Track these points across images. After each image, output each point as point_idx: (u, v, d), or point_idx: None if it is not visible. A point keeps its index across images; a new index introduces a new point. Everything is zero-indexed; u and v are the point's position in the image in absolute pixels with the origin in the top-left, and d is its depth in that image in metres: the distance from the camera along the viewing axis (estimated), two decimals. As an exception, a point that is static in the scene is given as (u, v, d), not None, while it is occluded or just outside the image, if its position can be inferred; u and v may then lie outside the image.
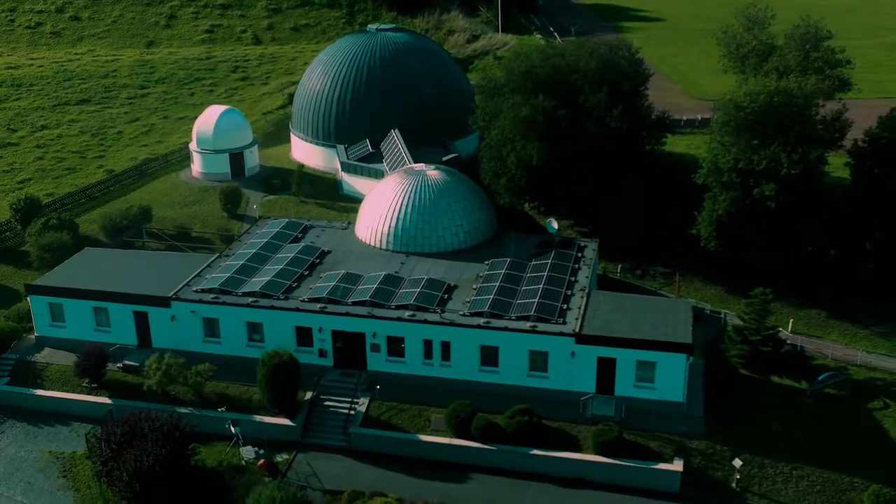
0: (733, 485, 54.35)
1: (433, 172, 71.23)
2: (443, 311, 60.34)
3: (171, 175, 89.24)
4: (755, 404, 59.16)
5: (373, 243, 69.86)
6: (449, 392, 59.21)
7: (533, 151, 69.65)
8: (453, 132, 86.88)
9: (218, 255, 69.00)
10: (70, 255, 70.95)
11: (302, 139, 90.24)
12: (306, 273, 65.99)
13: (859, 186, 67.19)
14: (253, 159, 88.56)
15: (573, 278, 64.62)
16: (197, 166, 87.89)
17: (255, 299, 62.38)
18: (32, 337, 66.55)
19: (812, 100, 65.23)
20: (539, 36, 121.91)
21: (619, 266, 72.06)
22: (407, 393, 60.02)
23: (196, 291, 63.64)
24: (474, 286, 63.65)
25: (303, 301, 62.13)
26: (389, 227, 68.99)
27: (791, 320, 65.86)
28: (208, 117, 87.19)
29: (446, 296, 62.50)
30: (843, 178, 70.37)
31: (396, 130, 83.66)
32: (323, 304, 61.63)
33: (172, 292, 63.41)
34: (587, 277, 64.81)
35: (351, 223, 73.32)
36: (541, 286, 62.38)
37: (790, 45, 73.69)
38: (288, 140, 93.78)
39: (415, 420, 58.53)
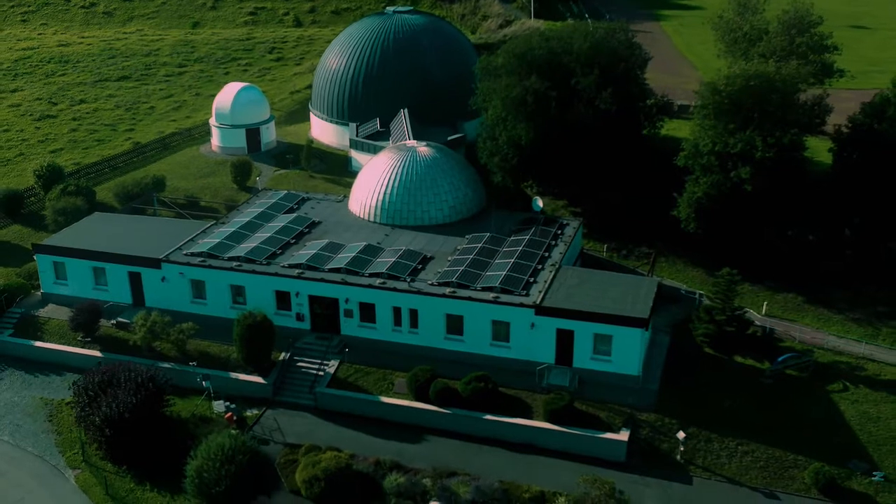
0: (678, 457, 55.74)
1: (423, 149, 73.64)
2: (412, 281, 62.74)
3: (192, 148, 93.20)
4: (713, 381, 60.37)
5: (362, 216, 72.65)
6: (416, 358, 61.55)
7: (523, 131, 71.48)
8: (464, 113, 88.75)
9: (214, 222, 72.33)
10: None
11: (319, 117, 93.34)
12: (293, 241, 69.02)
13: (840, 172, 67.61)
14: (269, 135, 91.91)
15: (547, 254, 66.46)
16: (215, 140, 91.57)
17: (238, 264, 65.53)
18: (39, 293, 70.57)
19: (792, 84, 65.87)
20: (571, 22, 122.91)
21: (606, 246, 73.42)
22: (376, 357, 62.60)
23: (186, 255, 67.07)
24: (449, 258, 65.96)
25: (282, 267, 65.03)
26: (377, 200, 71.67)
27: (765, 303, 66.67)
28: (227, 93, 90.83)
29: (420, 266, 64.95)
30: (828, 162, 70.78)
31: (405, 110, 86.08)
32: (301, 270, 64.46)
33: (163, 255, 66.87)
34: (561, 254, 66.55)
35: (346, 196, 76.11)
36: (512, 260, 64.38)
37: (778, 30, 74.31)
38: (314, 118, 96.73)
39: (379, 383, 61.17)
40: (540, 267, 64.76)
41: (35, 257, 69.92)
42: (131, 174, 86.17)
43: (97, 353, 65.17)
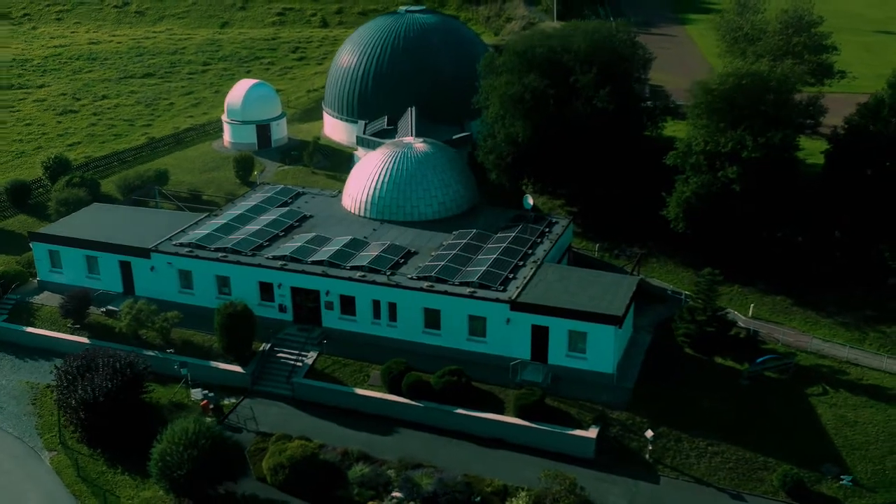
0: (646, 456, 55.46)
1: (419, 145, 74.11)
2: (391, 274, 63.19)
3: (205, 144, 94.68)
4: (691, 381, 59.99)
5: (353, 210, 73.42)
6: (394, 351, 62.19)
7: (520, 129, 71.55)
8: (472, 112, 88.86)
9: (207, 214, 73.54)
10: (85, 210, 76.68)
11: (330, 114, 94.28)
12: (281, 234, 69.91)
13: (831, 173, 66.81)
14: (280, 131, 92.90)
15: (531, 251, 66.55)
16: (227, 136, 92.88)
17: (224, 254, 66.49)
18: (35, 281, 72.24)
19: (787, 84, 65.25)
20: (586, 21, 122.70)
21: (598, 245, 73.27)
22: (354, 350, 63.28)
23: (174, 245, 68.25)
24: (433, 253, 66.30)
25: (267, 258, 65.88)
26: (368, 195, 72.45)
27: (752, 305, 66.08)
28: (238, 90, 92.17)
29: (402, 260, 65.46)
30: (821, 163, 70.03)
31: (412, 108, 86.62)
32: (284, 262, 65.25)
33: (152, 245, 68.08)
34: (545, 251, 66.58)
35: (340, 192, 76.77)
36: (494, 256, 64.59)
37: (777, 29, 73.82)
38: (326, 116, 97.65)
39: (355, 375, 61.73)
40: (521, 264, 64.89)
41: (31, 245, 71.38)
42: (136, 168, 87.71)
43: (85, 340, 66.44)
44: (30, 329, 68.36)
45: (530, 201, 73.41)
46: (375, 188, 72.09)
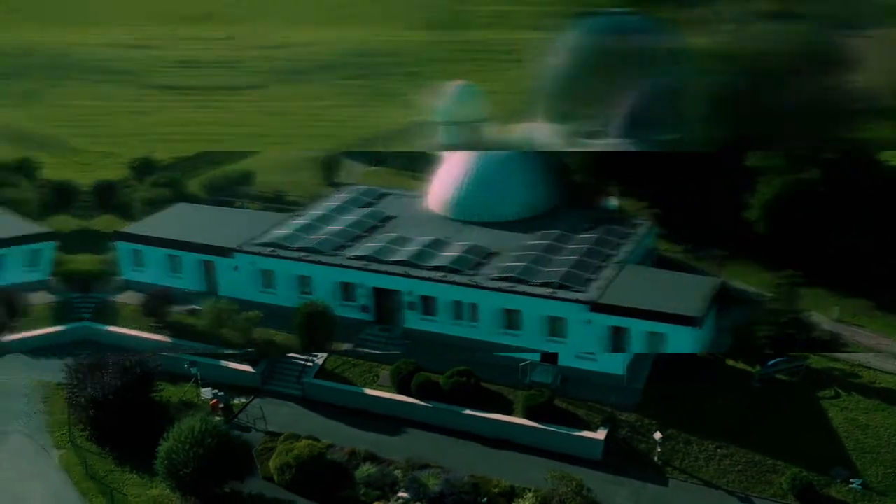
0: (655, 458, 73.74)
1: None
2: (473, 275, 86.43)
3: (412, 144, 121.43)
4: (702, 383, 79.28)
5: (436, 211, 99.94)
6: (474, 352, 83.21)
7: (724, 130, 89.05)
8: (679, 115, 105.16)
9: (290, 214, 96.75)
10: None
11: (538, 117, 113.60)
12: (364, 234, 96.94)
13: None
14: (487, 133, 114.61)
15: (613, 252, 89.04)
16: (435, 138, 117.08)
17: (305, 254, 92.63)
18: (118, 280, 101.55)
19: None
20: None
21: (681, 247, 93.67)
22: (434, 350, 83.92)
23: (257, 245, 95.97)
24: (514, 254, 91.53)
25: (347, 258, 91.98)
26: (451, 195, 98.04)
27: (836, 307, 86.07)
28: (446, 91, 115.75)
29: (484, 261, 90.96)
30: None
31: (621, 111, 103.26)
32: (365, 262, 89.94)
33: (235, 244, 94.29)
34: (628, 252, 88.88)
35: (425, 193, 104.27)
36: (576, 257, 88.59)
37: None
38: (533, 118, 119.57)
39: (365, 375, 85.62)
40: (603, 265, 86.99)
41: (115, 244, 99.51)
42: (222, 168, 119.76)
43: (166, 339, 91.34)
44: (111, 328, 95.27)
45: (614, 203, 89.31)
46: (459, 188, 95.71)
